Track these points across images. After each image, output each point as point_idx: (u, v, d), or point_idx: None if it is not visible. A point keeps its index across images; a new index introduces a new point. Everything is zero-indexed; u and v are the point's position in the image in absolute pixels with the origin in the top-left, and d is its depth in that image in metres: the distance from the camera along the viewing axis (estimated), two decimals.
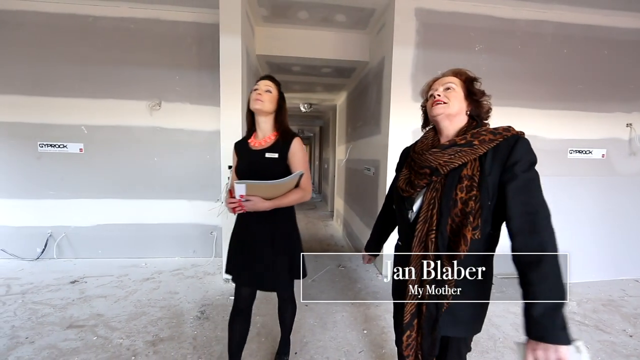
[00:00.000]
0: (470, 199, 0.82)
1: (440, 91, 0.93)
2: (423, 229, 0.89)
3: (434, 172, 0.88)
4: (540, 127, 2.98)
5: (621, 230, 3.01)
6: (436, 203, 0.87)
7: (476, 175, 0.83)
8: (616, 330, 2.09)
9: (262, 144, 1.35)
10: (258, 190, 1.19)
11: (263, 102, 1.28)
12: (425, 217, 0.89)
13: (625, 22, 2.93)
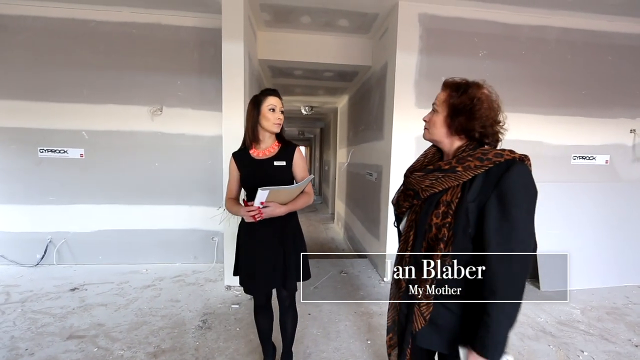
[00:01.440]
0: (443, 226, 0.79)
1: (427, 114, 0.90)
2: (403, 248, 0.91)
3: (416, 196, 0.87)
4: (544, 133, 2.96)
5: (624, 236, 2.99)
6: (414, 226, 0.88)
7: (454, 202, 0.79)
8: (621, 340, 2.07)
9: (266, 153, 1.40)
10: (277, 196, 1.26)
11: (281, 125, 1.37)
12: (404, 238, 0.91)
13: (629, 27, 2.92)
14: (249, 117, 1.36)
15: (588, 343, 2.02)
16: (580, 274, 2.85)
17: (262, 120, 1.34)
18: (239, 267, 1.47)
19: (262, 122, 1.34)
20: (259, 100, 1.35)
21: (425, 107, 2.73)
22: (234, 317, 2.24)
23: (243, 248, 1.43)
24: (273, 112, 1.33)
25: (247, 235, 1.40)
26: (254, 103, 1.36)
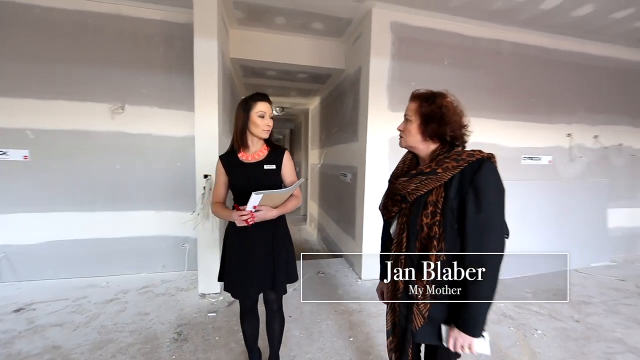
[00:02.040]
0: (434, 224, 0.88)
1: (401, 123, 1.00)
2: (397, 250, 0.97)
3: (403, 200, 0.95)
4: (500, 136, 3.27)
5: (565, 228, 3.42)
6: (405, 228, 0.95)
7: (440, 201, 0.88)
8: (566, 317, 2.36)
9: (255, 157, 1.38)
10: (269, 200, 1.25)
11: (270, 130, 1.35)
12: (397, 241, 0.97)
13: (567, 45, 3.35)
14: (237, 121, 1.33)
15: (540, 322, 2.28)
16: (530, 262, 3.20)
17: (251, 126, 1.32)
18: (226, 272, 1.42)
19: (251, 128, 1.32)
20: (248, 105, 1.32)
21: (397, 110, 2.87)
22: (211, 326, 2.14)
23: (231, 252, 1.40)
24: (262, 119, 1.31)
25: (237, 239, 1.38)
26: (243, 107, 1.32)
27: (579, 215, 3.49)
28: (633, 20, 2.85)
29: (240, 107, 1.34)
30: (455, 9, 2.73)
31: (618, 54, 3.55)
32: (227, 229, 1.44)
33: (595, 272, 3.30)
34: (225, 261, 1.42)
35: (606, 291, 2.83)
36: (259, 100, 1.32)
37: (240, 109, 1.33)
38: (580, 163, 3.61)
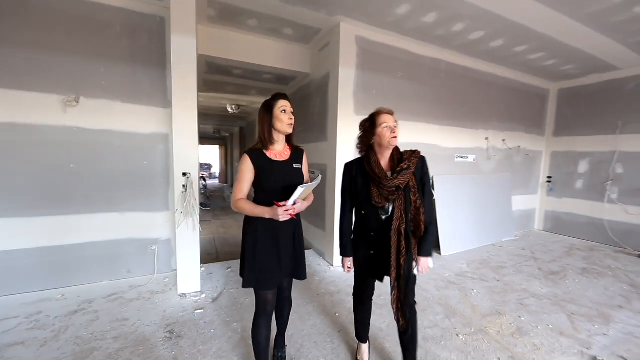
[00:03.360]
0: (417, 200, 1.46)
1: (394, 127, 1.44)
2: (397, 223, 1.43)
3: (398, 189, 1.42)
4: (439, 139, 3.96)
5: (484, 212, 4.33)
6: (402, 207, 1.44)
7: (415, 185, 1.46)
8: (490, 279, 3.08)
9: (282, 156, 1.49)
10: (305, 194, 1.40)
11: (293, 125, 1.47)
12: (398, 216, 1.44)
13: (484, 67, 4.23)
14: (263, 122, 1.44)
15: (474, 284, 2.93)
16: (462, 240, 3.99)
17: (275, 122, 1.42)
18: (257, 265, 1.43)
19: (276, 124, 1.42)
20: (270, 104, 1.43)
21: (361, 114, 3.26)
22: (202, 322, 2.18)
23: (264, 246, 1.43)
24: (284, 114, 1.42)
25: (266, 233, 1.43)
26: (266, 108, 1.43)
27: (493, 201, 4.46)
28: (527, 53, 3.80)
29: (263, 109, 1.45)
30: (407, 30, 3.24)
31: (516, 77, 4.62)
32: (253, 224, 1.44)
33: (505, 244, 4.28)
34: (256, 255, 1.43)
35: (513, 258, 3.73)
36: (280, 98, 1.44)
37: (264, 110, 1.44)
38: (494, 161, 4.60)
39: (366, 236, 1.54)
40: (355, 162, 1.59)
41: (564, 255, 3.86)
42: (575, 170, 4.84)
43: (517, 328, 2.16)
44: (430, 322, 2.23)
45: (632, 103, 4.20)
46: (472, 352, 1.89)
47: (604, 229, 4.43)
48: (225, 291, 2.67)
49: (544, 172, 5.28)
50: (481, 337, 2.05)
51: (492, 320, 2.27)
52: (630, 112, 4.22)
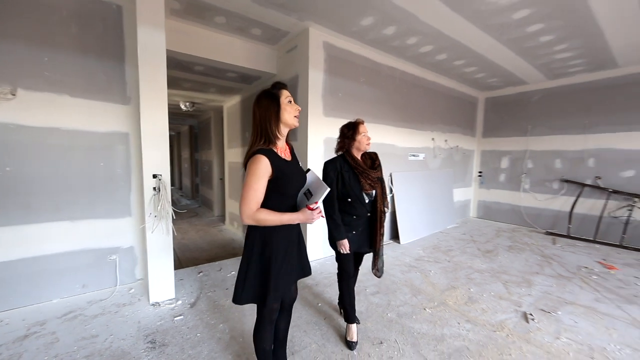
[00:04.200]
0: (384, 188, 1.94)
1: (368, 136, 1.89)
2: (380, 205, 1.90)
3: (379, 179, 1.91)
4: (396, 139, 4.39)
5: (433, 203, 4.93)
6: (381, 192, 1.91)
7: (382, 177, 1.96)
8: (442, 260, 3.57)
9: (287, 154, 1.36)
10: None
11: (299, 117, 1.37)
12: (380, 200, 1.90)
13: (430, 77, 4.81)
14: (268, 113, 1.24)
15: (431, 266, 3.37)
16: (417, 229, 4.49)
17: (283, 114, 1.26)
18: (278, 284, 1.30)
19: (284, 116, 1.26)
20: (274, 94, 1.27)
21: (330, 116, 3.46)
22: (185, 327, 2.11)
23: (286, 257, 1.34)
24: (291, 104, 1.29)
25: (288, 242, 1.35)
26: (271, 97, 1.26)
27: (439, 194, 5.10)
28: (463, 67, 4.46)
29: (266, 98, 1.26)
30: (369, 40, 3.54)
31: (455, 87, 5.36)
32: (276, 236, 1.30)
33: (450, 231, 4.94)
34: (281, 270, 1.31)
35: (458, 242, 4.35)
36: (283, 87, 1.29)
37: (268, 100, 1.25)
38: (439, 158, 5.26)
39: (349, 220, 1.88)
40: (337, 159, 1.89)
41: (494, 237, 4.64)
42: (499, 166, 5.82)
43: (468, 298, 2.60)
44: (401, 301, 2.52)
45: (537, 111, 5.24)
46: (438, 322, 2.22)
47: (520, 213, 5.44)
48: (202, 295, 2.60)
49: (476, 168, 6.20)
50: (443, 308, 2.42)
51: (449, 293, 2.67)
52: (536, 118, 5.25)
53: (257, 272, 1.31)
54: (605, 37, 3.34)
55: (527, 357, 1.82)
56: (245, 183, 1.21)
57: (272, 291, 1.29)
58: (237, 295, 1.32)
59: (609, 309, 2.43)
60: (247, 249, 1.32)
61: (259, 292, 1.32)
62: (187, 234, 5.51)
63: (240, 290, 1.31)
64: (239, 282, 1.32)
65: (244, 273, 1.31)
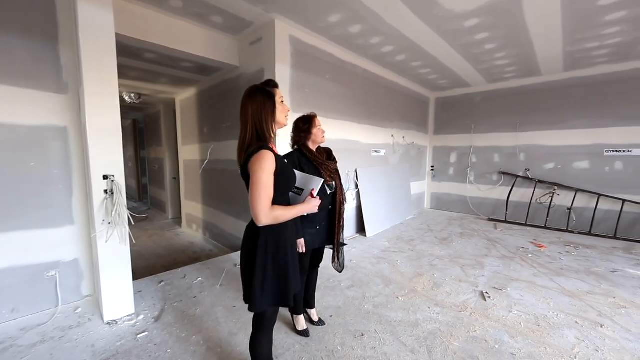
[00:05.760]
0: (340, 179, 1.97)
1: (322, 129, 1.93)
2: (339, 196, 1.92)
3: (336, 171, 1.96)
4: (360, 136, 4.52)
5: (394, 196, 5.21)
6: (339, 184, 1.94)
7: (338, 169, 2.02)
8: (407, 250, 3.81)
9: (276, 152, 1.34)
10: None
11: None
12: (339, 191, 1.92)
13: (390, 76, 5.04)
14: (264, 111, 1.22)
15: (397, 256, 3.57)
16: (381, 222, 4.71)
17: (277, 113, 1.26)
18: (289, 285, 1.28)
19: (278, 116, 1.26)
20: (269, 92, 1.25)
21: (298, 112, 3.40)
22: (152, 344, 1.91)
23: (294, 253, 1.35)
24: (283, 105, 1.30)
25: (293, 239, 1.36)
26: (267, 95, 1.24)
27: (399, 188, 5.41)
28: (419, 68, 4.76)
29: (260, 95, 1.24)
30: (334, 36, 3.55)
31: (410, 86, 5.70)
32: (284, 234, 1.28)
33: (409, 222, 5.29)
34: (290, 268, 1.29)
35: (417, 231, 4.68)
36: (276, 86, 1.29)
37: (263, 97, 1.23)
38: (398, 154, 5.57)
39: (311, 215, 1.76)
40: (294, 153, 1.91)
41: (447, 225, 5.10)
42: (448, 160, 6.38)
43: (434, 283, 2.81)
44: (375, 292, 2.62)
45: (479, 111, 5.86)
46: (410, 308, 2.36)
47: (467, 203, 6.06)
48: (167, 307, 2.37)
49: (429, 163, 6.72)
50: (413, 295, 2.58)
51: (417, 281, 2.86)
52: (478, 118, 5.88)
53: (275, 273, 1.27)
54: (534, 48, 3.86)
55: (489, 332, 2.04)
56: (255, 181, 1.15)
57: (292, 290, 1.29)
58: (255, 302, 1.24)
59: (544, 281, 2.85)
60: (261, 251, 1.24)
61: (279, 293, 1.28)
62: (139, 240, 4.98)
63: (260, 295, 1.24)
64: (256, 287, 1.24)
65: (262, 277, 1.25)
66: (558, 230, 4.77)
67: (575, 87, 4.79)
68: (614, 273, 3.05)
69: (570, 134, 4.88)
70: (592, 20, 3.10)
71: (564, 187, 4.89)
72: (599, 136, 4.63)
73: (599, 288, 2.72)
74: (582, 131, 4.76)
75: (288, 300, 1.29)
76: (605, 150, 4.57)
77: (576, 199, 4.77)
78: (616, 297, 2.54)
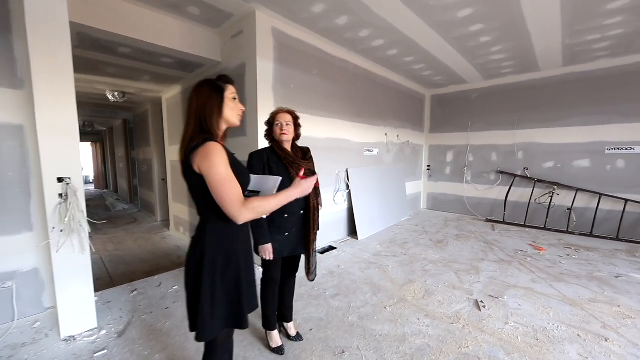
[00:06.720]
0: (317, 182, 1.72)
1: (284, 125, 1.68)
2: (313, 200, 1.73)
3: (310, 171, 1.72)
4: (351, 134, 4.33)
5: (388, 197, 5.03)
6: (314, 187, 1.71)
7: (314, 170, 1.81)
8: (399, 254, 3.62)
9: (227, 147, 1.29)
10: None
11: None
12: (312, 195, 1.71)
13: (382, 72, 4.85)
14: (210, 105, 1.10)
15: (389, 260, 3.38)
16: (374, 224, 4.52)
17: (225, 110, 1.13)
18: (251, 295, 1.18)
19: (225, 112, 1.14)
20: (220, 86, 1.14)
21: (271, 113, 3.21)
22: None
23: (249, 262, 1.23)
24: (236, 102, 1.17)
25: (247, 245, 1.21)
26: (216, 89, 1.12)
27: (393, 188, 5.22)
28: (412, 64, 4.58)
29: (207, 87, 1.12)
30: (321, 29, 3.37)
31: (404, 83, 5.51)
32: (234, 243, 1.14)
33: (404, 223, 5.10)
34: (244, 281, 1.15)
35: (412, 234, 4.49)
36: (229, 82, 1.17)
37: (210, 90, 1.11)
38: (392, 153, 5.38)
39: (279, 220, 1.67)
40: (264, 150, 1.71)
41: (443, 227, 4.91)
42: (445, 159, 6.20)
43: (425, 291, 2.63)
44: (362, 301, 2.44)
45: (476, 109, 5.68)
46: (398, 320, 2.18)
47: (464, 203, 5.87)
48: (134, 320, 2.18)
49: (425, 162, 6.53)
50: (402, 304, 2.39)
51: (407, 288, 2.68)
52: (475, 115, 5.69)
53: (226, 291, 1.11)
54: (532, 41, 3.68)
55: (483, 347, 1.86)
56: (213, 178, 1.01)
57: (246, 310, 1.13)
58: (204, 329, 1.06)
59: (543, 288, 2.66)
60: (208, 267, 1.07)
61: (232, 314, 1.12)
62: (123, 244, 4.80)
63: (210, 320, 1.07)
64: (204, 312, 1.06)
65: (210, 299, 1.07)
66: (558, 231, 4.59)
67: (575, 82, 4.60)
68: (617, 278, 2.87)
69: (570, 131, 4.69)
70: (593, 9, 2.91)
71: (563, 186, 4.71)
72: (600, 133, 4.45)
73: (602, 295, 2.53)
74: (583, 128, 4.58)
75: (242, 321, 1.12)
76: (606, 148, 4.39)
77: (577, 199, 4.58)
78: (621, 305, 2.36)
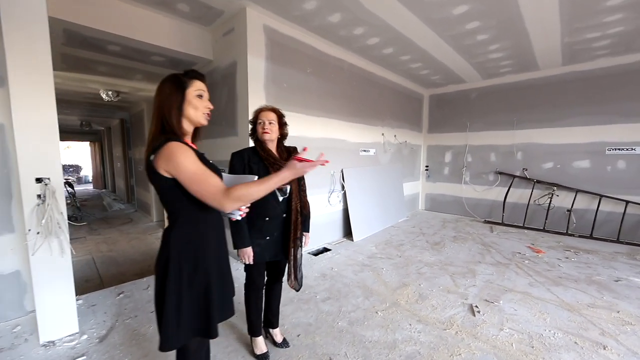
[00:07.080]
0: (304, 183, 1.74)
1: (267, 124, 1.61)
2: (295, 203, 1.65)
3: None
4: (347, 134, 4.26)
5: (384, 198, 4.96)
6: (297, 188, 1.68)
7: None
8: (394, 256, 3.55)
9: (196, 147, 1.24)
10: None
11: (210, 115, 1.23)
12: (295, 197, 1.65)
13: (378, 71, 4.78)
14: (169, 103, 1.03)
15: (383, 263, 3.31)
16: (370, 225, 4.45)
17: (187, 108, 1.05)
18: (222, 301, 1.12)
19: (188, 112, 1.06)
20: (182, 81, 1.05)
21: None
22: None
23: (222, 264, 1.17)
24: (201, 99, 1.08)
25: (220, 246, 1.16)
26: (176, 84, 1.04)
27: (390, 188, 5.15)
28: (409, 63, 4.51)
29: (170, 83, 1.04)
30: (314, 27, 3.31)
31: (401, 82, 5.44)
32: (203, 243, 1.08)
33: (401, 224, 5.03)
34: (214, 286, 1.08)
35: (408, 235, 4.42)
36: (195, 77, 1.08)
37: (172, 86, 1.04)
38: (389, 153, 5.31)
39: (260, 223, 1.62)
40: (245, 150, 1.65)
41: (440, 228, 4.84)
42: (443, 160, 6.12)
43: (419, 295, 2.56)
44: (353, 305, 2.37)
45: (474, 109, 5.60)
46: (389, 325, 2.11)
47: (462, 204, 5.80)
48: (118, 324, 2.12)
49: (423, 162, 6.46)
50: (395, 309, 2.32)
51: (401, 292, 2.61)
52: (473, 115, 5.62)
53: (194, 299, 1.04)
54: (530, 40, 3.61)
55: (476, 355, 1.79)
56: (186, 176, 0.96)
57: (215, 318, 1.06)
58: (168, 337, 1.00)
59: (541, 292, 2.59)
60: (174, 273, 1.01)
61: (200, 324, 1.05)
62: (117, 245, 4.74)
63: (175, 329, 1.00)
64: (169, 320, 1.00)
65: (175, 307, 1.00)
66: (557, 233, 4.51)
67: (574, 82, 4.53)
68: (617, 282, 2.79)
69: (569, 131, 4.61)
70: (592, 6, 2.84)
71: (563, 187, 4.63)
72: (600, 134, 4.37)
73: (601, 300, 2.46)
74: (583, 128, 4.50)
75: (211, 330, 1.06)
76: (607, 148, 4.30)
77: (576, 200, 4.50)
78: (620, 311, 2.29)
